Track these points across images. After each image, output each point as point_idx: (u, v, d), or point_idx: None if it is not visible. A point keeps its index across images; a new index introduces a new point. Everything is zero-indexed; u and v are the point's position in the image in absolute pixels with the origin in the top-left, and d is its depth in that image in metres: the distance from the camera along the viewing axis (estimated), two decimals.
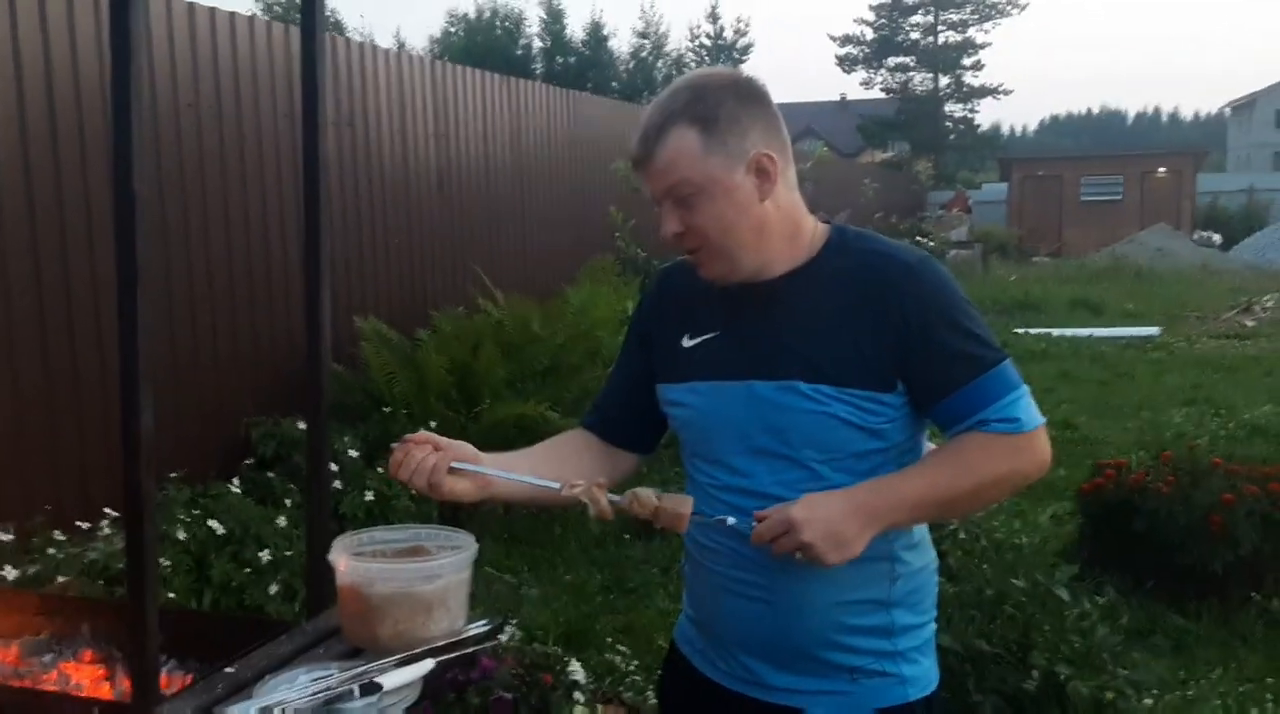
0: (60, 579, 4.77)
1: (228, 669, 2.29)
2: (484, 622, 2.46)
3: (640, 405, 2.47)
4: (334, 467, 6.12)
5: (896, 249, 2.26)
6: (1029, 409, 2.17)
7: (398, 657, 2.26)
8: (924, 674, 2.33)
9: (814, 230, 2.29)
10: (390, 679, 2.18)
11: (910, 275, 2.18)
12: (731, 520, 2.15)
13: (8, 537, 5.04)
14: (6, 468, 5.46)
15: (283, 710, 2.06)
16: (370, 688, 2.14)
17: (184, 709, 2.15)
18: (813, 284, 2.23)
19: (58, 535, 5.21)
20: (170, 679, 2.57)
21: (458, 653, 2.35)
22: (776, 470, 2.21)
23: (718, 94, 2.16)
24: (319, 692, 2.13)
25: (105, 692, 2.60)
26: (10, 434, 5.50)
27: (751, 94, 2.20)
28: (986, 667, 4.29)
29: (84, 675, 2.63)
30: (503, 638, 4.00)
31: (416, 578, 2.33)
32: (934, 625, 2.39)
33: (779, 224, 2.23)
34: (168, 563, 5.09)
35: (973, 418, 2.15)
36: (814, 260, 2.26)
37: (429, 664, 2.26)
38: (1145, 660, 4.81)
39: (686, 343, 2.34)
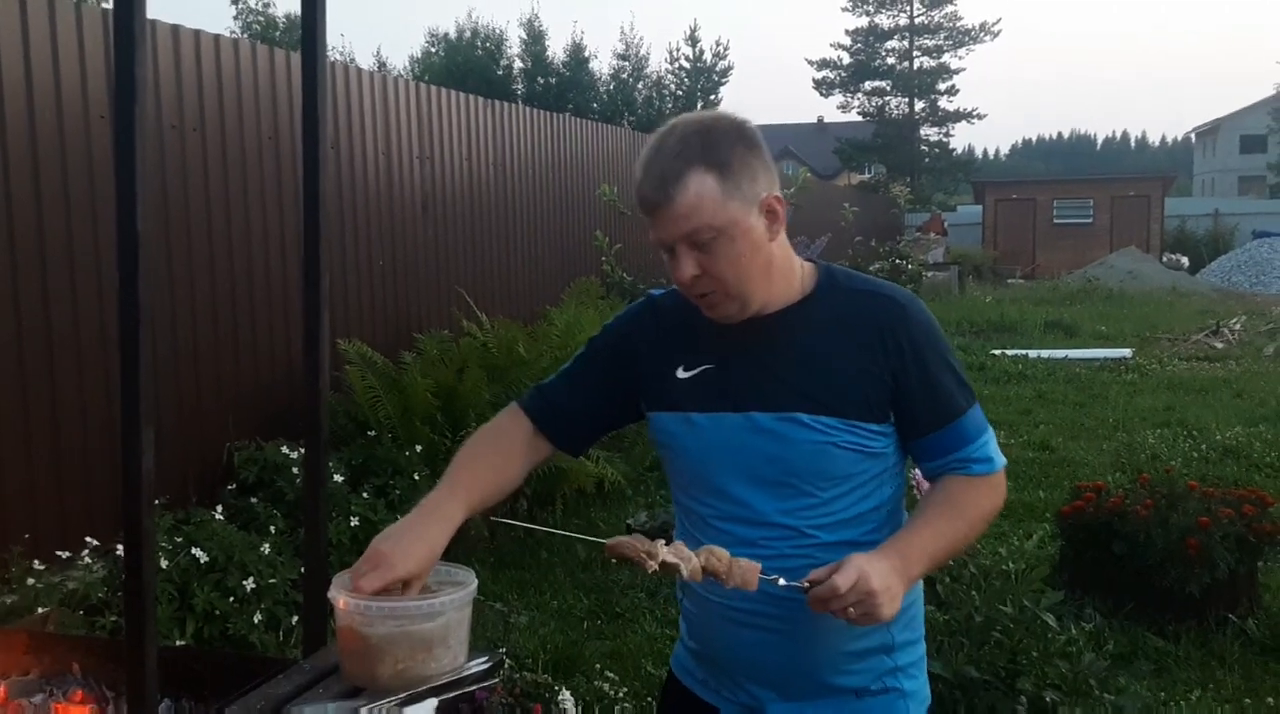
0: (40, 609, 4.70)
1: (226, 711, 2.24)
2: (484, 658, 2.42)
3: (591, 414, 2.56)
4: None
5: (886, 287, 2.38)
6: (997, 449, 2.36)
7: (399, 697, 2.21)
8: (921, 689, 2.45)
9: (803, 268, 2.39)
10: None
11: (905, 314, 2.31)
12: (782, 582, 2.16)
13: None
14: None
15: None
16: None
17: None
18: (809, 320, 2.32)
19: (36, 565, 5.15)
20: None
21: (459, 691, 2.31)
22: (778, 498, 2.30)
23: (728, 140, 2.22)
24: None
25: None
26: None
27: (754, 140, 2.26)
28: (976, 694, 4.30)
29: None
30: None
31: (417, 616, 2.28)
32: (925, 643, 2.50)
33: (781, 262, 2.32)
34: None
35: (953, 455, 2.30)
36: (808, 297, 2.35)
37: (431, 704, 2.22)
38: (1130, 685, 4.82)
39: (681, 374, 2.40)
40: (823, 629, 2.27)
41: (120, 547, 5.17)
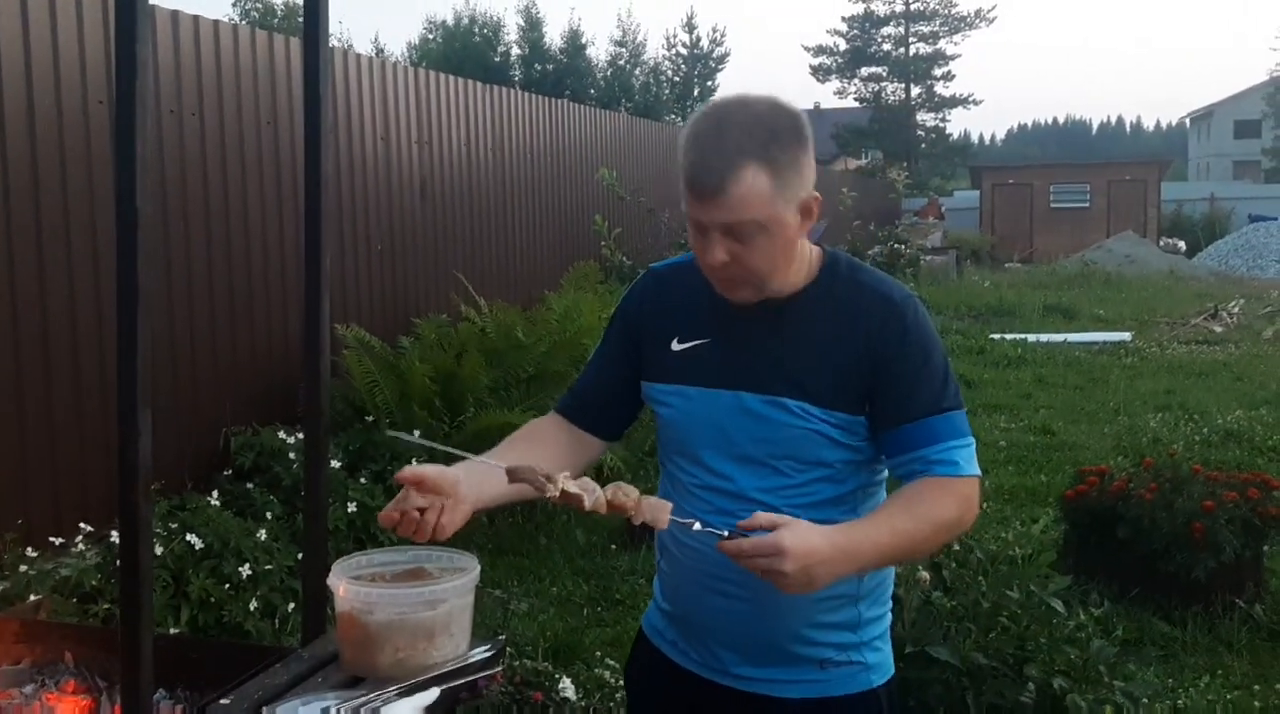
0: (32, 597, 4.63)
1: (222, 701, 2.18)
2: (487, 646, 2.38)
3: (618, 394, 2.57)
4: None
5: (885, 284, 2.39)
6: (970, 459, 2.32)
7: (399, 686, 2.17)
8: (884, 661, 2.48)
9: (810, 253, 2.40)
10: (392, 711, 2.09)
11: (894, 310, 2.33)
12: (697, 525, 2.19)
13: None
14: None
15: None
16: None
17: None
18: (807, 308, 2.35)
19: (29, 551, 5.08)
20: (159, 712, 2.45)
21: (462, 680, 2.26)
22: (757, 476, 2.34)
23: (788, 138, 2.22)
24: None
25: None
26: None
27: (808, 138, 2.27)
28: (984, 681, 4.26)
29: (67, 708, 2.50)
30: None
31: (418, 603, 2.24)
32: (890, 615, 2.53)
33: (799, 250, 2.35)
34: None
35: (915, 452, 2.29)
36: (811, 285, 2.38)
37: (433, 694, 2.17)
38: (1139, 671, 4.80)
39: (675, 346, 2.43)
40: (789, 602, 2.28)
41: (115, 533, 5.11)
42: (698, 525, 2.18)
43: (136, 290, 1.99)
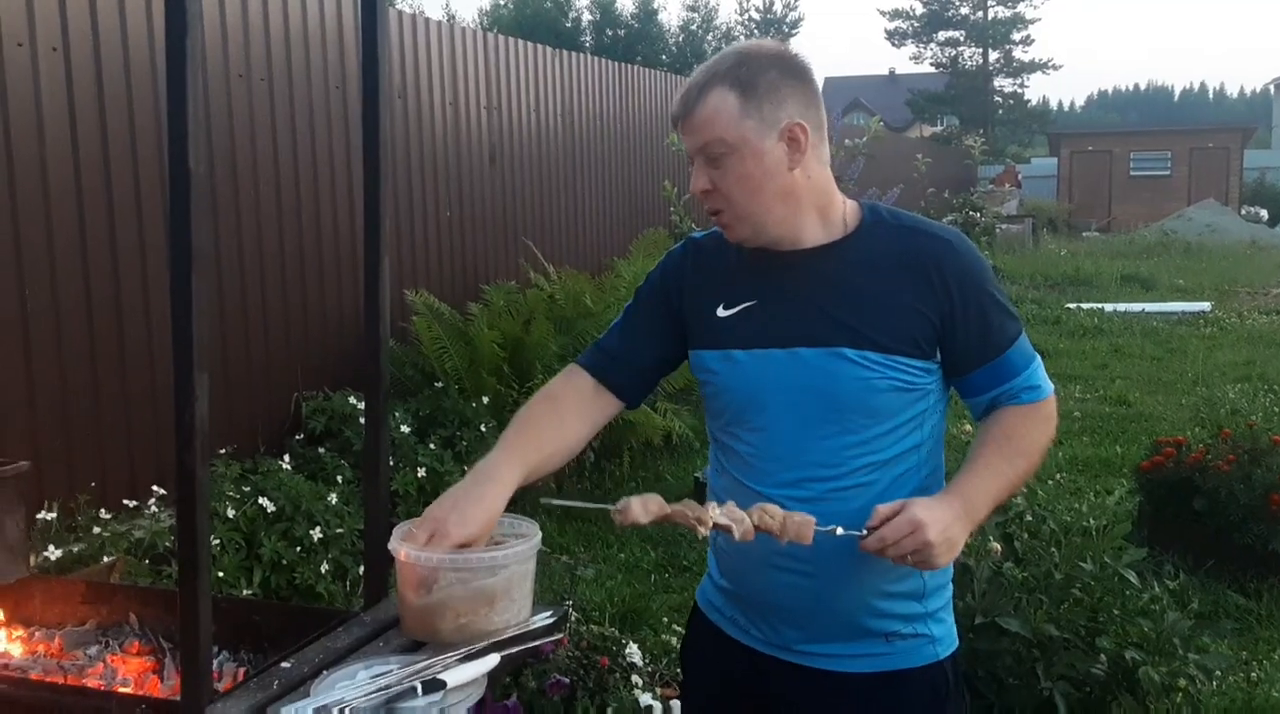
0: (106, 558, 4.69)
1: (283, 664, 2.19)
2: (549, 613, 2.36)
3: (648, 357, 2.52)
4: None
5: (933, 226, 2.38)
6: (1044, 376, 2.37)
7: (461, 652, 2.15)
8: (949, 633, 2.44)
9: (845, 207, 2.37)
10: (454, 676, 2.07)
11: (951, 251, 2.30)
12: (840, 531, 2.16)
13: (51, 515, 4.96)
14: (51, 445, 5.37)
15: (341, 711, 1.95)
16: (433, 685, 2.03)
17: (238, 708, 2.03)
18: (853, 256, 2.31)
19: (103, 513, 5.15)
20: (222, 673, 2.47)
21: (523, 646, 2.25)
22: (821, 436, 2.28)
23: (762, 63, 2.24)
24: (379, 689, 2.02)
25: (154, 686, 2.49)
26: (55, 410, 5.42)
27: (794, 68, 2.27)
28: (1056, 653, 4.21)
29: (131, 669, 2.51)
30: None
31: (479, 569, 2.22)
32: (952, 585, 2.49)
33: (809, 195, 2.30)
34: (217, 541, 5.04)
35: (1001, 388, 2.31)
36: (852, 235, 2.33)
37: (494, 659, 2.15)
38: (1213, 644, 4.74)
39: (722, 313, 2.38)
40: (856, 574, 2.28)
41: None
42: (840, 531, 2.15)
43: (191, 254, 1.97)
